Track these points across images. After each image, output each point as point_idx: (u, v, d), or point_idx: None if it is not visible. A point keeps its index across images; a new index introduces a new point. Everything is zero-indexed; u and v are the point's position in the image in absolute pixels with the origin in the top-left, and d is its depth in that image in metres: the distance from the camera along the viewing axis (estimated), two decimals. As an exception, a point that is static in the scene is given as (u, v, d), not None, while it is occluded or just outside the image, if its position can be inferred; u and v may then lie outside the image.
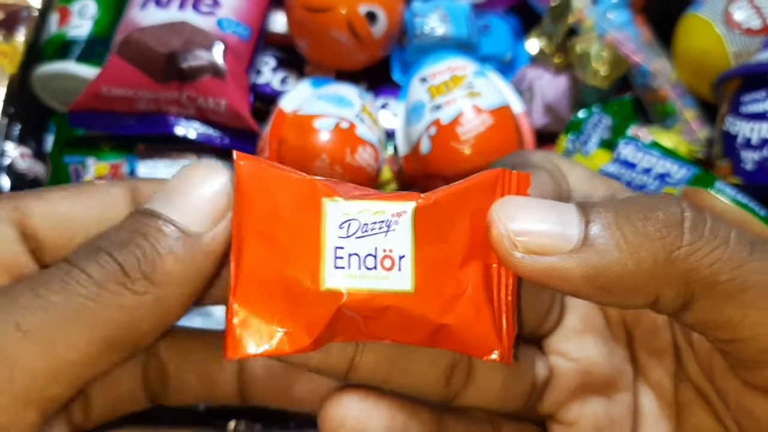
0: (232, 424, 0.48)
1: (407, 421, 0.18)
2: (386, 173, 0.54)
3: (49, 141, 0.57)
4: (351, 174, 0.48)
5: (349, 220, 0.16)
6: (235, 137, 0.52)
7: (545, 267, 0.16)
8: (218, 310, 0.47)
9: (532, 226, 0.16)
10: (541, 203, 0.17)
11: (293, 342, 0.16)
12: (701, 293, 0.16)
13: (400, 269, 0.16)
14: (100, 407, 0.20)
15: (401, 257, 0.16)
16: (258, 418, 0.49)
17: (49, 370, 0.15)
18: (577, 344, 0.21)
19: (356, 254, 0.16)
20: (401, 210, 0.16)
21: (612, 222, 0.16)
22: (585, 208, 0.17)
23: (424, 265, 0.16)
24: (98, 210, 0.19)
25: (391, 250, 0.16)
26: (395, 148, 0.55)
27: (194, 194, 0.18)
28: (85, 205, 0.19)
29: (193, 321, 0.47)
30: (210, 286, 0.19)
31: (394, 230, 0.16)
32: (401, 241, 0.16)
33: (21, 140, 0.55)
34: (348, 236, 0.16)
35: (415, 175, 0.53)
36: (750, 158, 0.46)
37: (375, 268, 0.16)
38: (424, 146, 0.50)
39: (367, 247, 0.16)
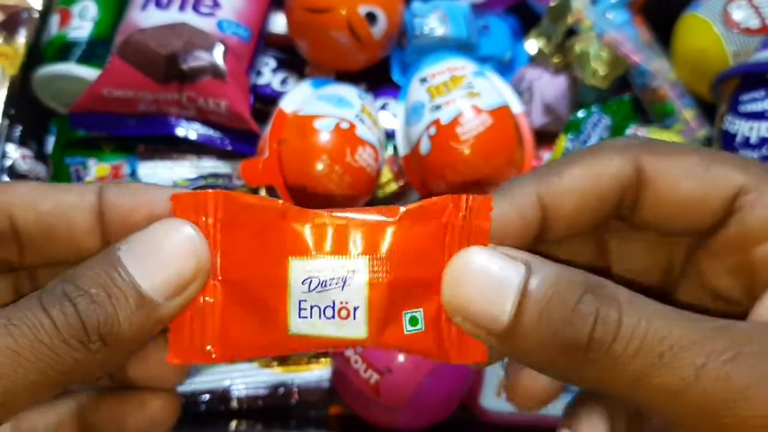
0: (233, 424, 0.48)
1: None
2: (386, 173, 0.54)
3: (50, 142, 0.57)
4: (351, 174, 0.48)
5: (310, 278, 0.19)
6: (236, 138, 0.52)
7: (476, 335, 0.18)
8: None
9: (469, 304, 0.18)
10: (487, 277, 0.18)
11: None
12: (604, 392, 0.18)
13: (354, 318, 0.19)
14: None
15: (356, 308, 0.19)
16: (259, 419, 0.49)
17: None
18: None
19: (317, 306, 0.19)
20: (355, 268, 0.18)
21: (536, 317, 0.17)
22: (524, 294, 0.18)
23: (378, 311, 0.19)
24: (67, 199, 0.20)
25: (347, 302, 0.19)
26: (395, 149, 0.55)
27: (167, 261, 0.18)
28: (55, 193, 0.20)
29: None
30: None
31: (349, 285, 0.19)
32: (356, 294, 0.19)
33: (22, 142, 0.55)
34: (309, 291, 0.19)
35: (414, 175, 0.53)
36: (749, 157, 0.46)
37: (333, 317, 0.19)
38: (424, 146, 0.50)
39: (326, 300, 0.19)
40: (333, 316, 0.19)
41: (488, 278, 0.18)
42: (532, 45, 0.58)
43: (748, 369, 0.16)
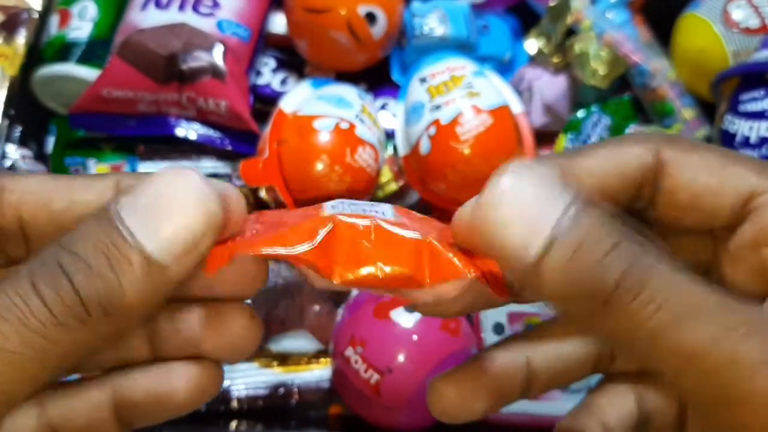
0: (233, 424, 0.48)
1: None
2: (386, 173, 0.54)
3: (50, 143, 0.57)
4: (351, 174, 0.48)
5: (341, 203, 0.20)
6: (236, 138, 0.52)
7: (498, 263, 0.18)
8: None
9: (497, 230, 0.17)
10: (525, 204, 0.17)
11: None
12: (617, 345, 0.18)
13: (384, 215, 0.20)
14: None
15: (384, 216, 0.20)
16: (259, 419, 0.49)
17: None
18: None
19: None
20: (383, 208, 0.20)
21: (564, 258, 0.16)
22: (556, 232, 0.16)
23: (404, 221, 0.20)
24: (80, 191, 0.19)
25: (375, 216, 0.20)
26: (395, 149, 0.55)
27: (173, 218, 0.16)
28: (67, 186, 0.19)
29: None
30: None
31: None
32: (385, 210, 0.20)
33: (22, 142, 0.55)
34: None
35: (414, 175, 0.53)
36: (749, 157, 0.46)
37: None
38: (424, 146, 0.50)
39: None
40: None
41: (526, 205, 0.17)
42: (532, 45, 0.58)
43: (759, 348, 0.16)
